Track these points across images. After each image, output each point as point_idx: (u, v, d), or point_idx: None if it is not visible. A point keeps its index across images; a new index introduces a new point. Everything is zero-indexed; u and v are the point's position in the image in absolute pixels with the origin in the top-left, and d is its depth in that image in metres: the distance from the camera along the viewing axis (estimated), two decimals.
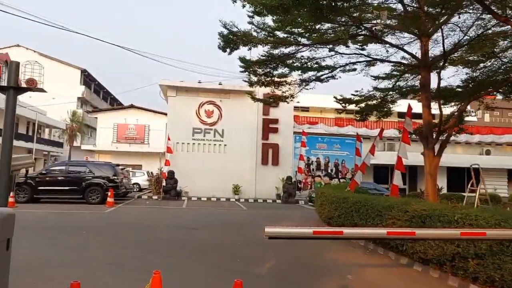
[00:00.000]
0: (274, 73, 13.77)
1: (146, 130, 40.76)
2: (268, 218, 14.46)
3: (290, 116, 23.98)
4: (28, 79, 4.34)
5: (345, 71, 14.84)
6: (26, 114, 37.33)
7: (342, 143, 24.51)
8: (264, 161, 23.23)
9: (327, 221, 11.67)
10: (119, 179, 17.50)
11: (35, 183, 16.42)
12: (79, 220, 11.86)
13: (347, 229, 3.91)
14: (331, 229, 3.75)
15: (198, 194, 22.20)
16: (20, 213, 12.88)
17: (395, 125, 28.27)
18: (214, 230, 11.02)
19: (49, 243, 8.10)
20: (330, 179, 24.29)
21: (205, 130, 23.01)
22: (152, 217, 13.56)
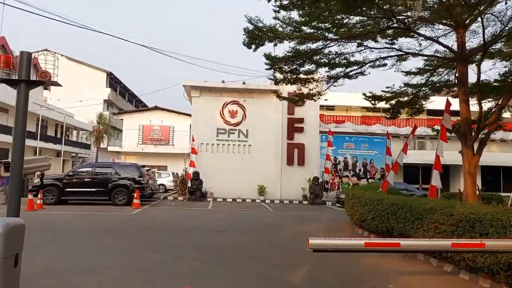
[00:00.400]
0: (300, 70, 13.29)
1: (171, 131, 40.95)
2: (296, 220, 14.00)
3: (316, 115, 23.40)
4: (42, 72, 4.04)
5: (375, 67, 14.20)
6: (55, 117, 38.12)
7: (370, 142, 23.73)
8: (289, 162, 22.75)
9: (359, 224, 11.11)
10: (144, 180, 17.43)
11: (62, 184, 16.54)
12: (105, 222, 11.75)
13: (404, 240, 3.40)
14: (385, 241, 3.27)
15: (223, 195, 21.94)
16: (47, 215, 12.93)
17: (424, 122, 27.23)
18: (242, 232, 10.66)
19: (74, 247, 7.92)
20: (358, 179, 23.56)
21: (229, 131, 22.74)
22: (178, 219, 13.34)
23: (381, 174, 23.61)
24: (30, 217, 12.45)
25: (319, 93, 13.95)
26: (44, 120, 37.85)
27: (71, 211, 14.37)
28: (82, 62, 51.69)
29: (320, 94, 14.03)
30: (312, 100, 14.62)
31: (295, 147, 22.82)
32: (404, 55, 13.16)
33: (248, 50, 11.88)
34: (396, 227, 8.51)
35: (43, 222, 11.42)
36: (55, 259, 6.75)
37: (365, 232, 10.82)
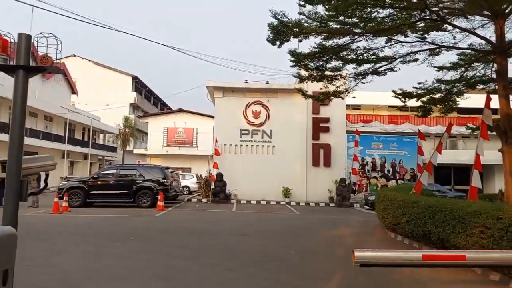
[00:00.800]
0: (326, 67, 12.78)
1: (195, 133, 41.06)
2: (324, 223, 13.46)
3: (342, 114, 22.72)
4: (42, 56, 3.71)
5: (406, 62, 13.52)
6: (82, 120, 38.83)
7: (399, 141, 22.85)
8: (315, 163, 22.16)
9: (392, 228, 10.49)
10: (168, 182, 17.28)
11: (87, 187, 16.58)
12: (129, 225, 11.58)
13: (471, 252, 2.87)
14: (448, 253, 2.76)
15: (247, 197, 21.59)
16: (72, 218, 12.90)
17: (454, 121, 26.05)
18: (268, 236, 10.24)
19: (97, 251, 7.71)
20: (387, 180, 22.72)
21: (253, 131, 22.38)
22: (202, 221, 13.05)
23: (411, 175, 22.69)
24: (55, 220, 12.46)
25: (346, 90, 13.39)
26: (72, 124, 38.60)
27: (96, 213, 14.34)
28: (108, 66, 52.66)
29: (348, 92, 13.47)
30: (340, 98, 14.06)
31: (320, 148, 22.23)
32: (437, 49, 12.44)
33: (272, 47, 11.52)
34: (434, 231, 7.89)
35: (67, 225, 11.36)
36: (75, 266, 6.52)
37: (398, 236, 10.20)
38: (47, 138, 32.33)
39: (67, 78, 41.26)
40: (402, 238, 9.91)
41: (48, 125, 34.68)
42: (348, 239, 10.38)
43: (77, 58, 52.55)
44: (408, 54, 12.69)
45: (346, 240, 10.14)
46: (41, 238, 9.08)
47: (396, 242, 9.91)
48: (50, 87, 37.42)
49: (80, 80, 50.31)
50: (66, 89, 41.79)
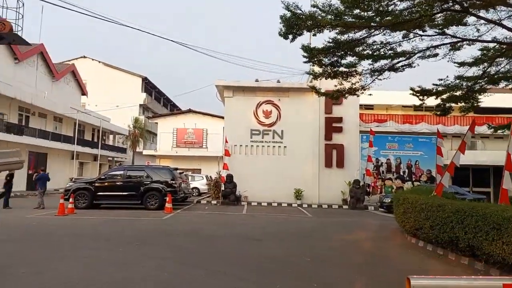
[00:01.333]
0: (341, 63, 12.15)
1: (204, 134, 40.68)
2: (339, 227, 12.82)
3: (356, 114, 22.01)
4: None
5: (425, 57, 12.83)
6: (91, 121, 38.69)
7: (415, 142, 22.06)
8: (327, 164, 21.49)
9: (413, 233, 9.83)
10: (177, 183, 16.80)
11: (94, 188, 16.19)
12: (135, 228, 11.10)
13: None
14: None
15: (258, 199, 21.02)
16: (76, 220, 12.46)
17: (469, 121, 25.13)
18: (281, 241, 9.65)
19: (99, 257, 7.21)
20: (402, 182, 21.93)
21: (264, 132, 21.80)
22: (211, 224, 12.52)
23: (427, 176, 21.89)
24: (59, 222, 12.04)
25: (362, 87, 12.74)
26: (81, 125, 38.52)
27: (102, 215, 13.91)
28: (118, 67, 52.69)
29: (364, 89, 12.82)
30: (355, 95, 13.40)
31: (333, 148, 21.56)
32: (459, 43, 11.74)
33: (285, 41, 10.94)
34: (464, 237, 7.23)
35: (71, 227, 10.92)
36: (74, 274, 6.02)
37: (420, 241, 9.53)
38: (56, 139, 32.18)
39: (77, 79, 41.22)
40: (424, 244, 9.24)
41: (57, 126, 34.58)
42: (365, 244, 9.74)
43: (87, 59, 52.68)
44: (428, 48, 12.01)
45: (363, 246, 9.51)
46: (42, 242, 8.64)
47: (418, 248, 9.25)
48: (60, 88, 37.36)
49: (90, 82, 50.38)
50: (76, 90, 41.71)
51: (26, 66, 32.11)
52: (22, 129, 27.59)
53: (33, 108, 30.08)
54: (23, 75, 30.88)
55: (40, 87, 32.76)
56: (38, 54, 33.61)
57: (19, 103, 28.16)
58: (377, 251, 8.94)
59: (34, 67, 33.43)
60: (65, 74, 38.35)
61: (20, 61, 30.76)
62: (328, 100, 21.66)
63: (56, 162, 33.46)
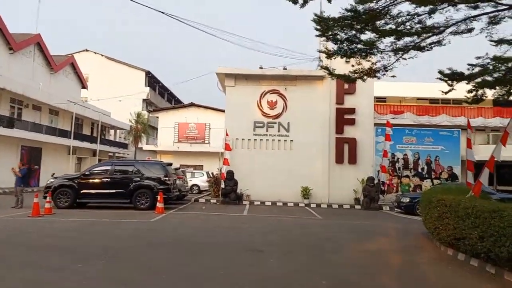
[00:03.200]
0: (360, 38, 10.23)
1: (207, 128, 38.95)
2: (355, 232, 10.93)
3: (370, 105, 20.02)
4: None
5: (458, 33, 10.85)
6: (90, 115, 37.08)
7: (435, 135, 20.02)
8: (338, 159, 19.55)
9: (451, 242, 7.92)
10: (171, 180, 15.00)
11: (77, 185, 14.46)
12: (113, 234, 9.31)
13: None
14: None
15: (261, 197, 19.17)
16: (49, 223, 10.70)
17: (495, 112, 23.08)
18: (287, 253, 7.80)
19: (39, 281, 5.41)
20: (420, 179, 19.94)
21: (268, 124, 19.90)
22: (207, 229, 10.70)
23: (448, 173, 19.87)
24: (27, 225, 10.30)
25: (384, 67, 10.78)
26: (79, 119, 36.95)
27: (82, 217, 12.16)
28: (121, 61, 51.42)
29: (386, 70, 10.85)
30: (375, 78, 11.41)
31: (345, 142, 19.60)
32: (506, 10, 9.72)
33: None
34: None
35: (36, 233, 9.16)
36: None
37: (459, 254, 7.63)
38: (52, 132, 30.57)
39: (77, 72, 39.67)
40: (467, 258, 7.35)
41: (53, 119, 32.98)
42: (392, 257, 7.86)
43: (90, 53, 51.31)
44: (464, 20, 10.03)
45: (391, 260, 7.63)
46: None
47: (458, 263, 7.35)
48: (58, 80, 35.81)
49: (93, 75, 49.01)
50: (76, 83, 40.15)
51: (22, 57, 30.54)
52: (13, 122, 25.97)
53: (26, 100, 28.47)
54: (18, 67, 29.31)
55: (37, 79, 31.20)
56: (34, 45, 32.02)
57: (11, 95, 26.55)
58: (409, 268, 7.06)
59: (31, 58, 31.87)
60: (64, 66, 36.78)
61: (15, 52, 29.17)
62: (339, 90, 19.77)
63: (51, 157, 31.87)
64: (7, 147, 25.95)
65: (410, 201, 16.18)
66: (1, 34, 27.33)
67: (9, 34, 27.90)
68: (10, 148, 26.36)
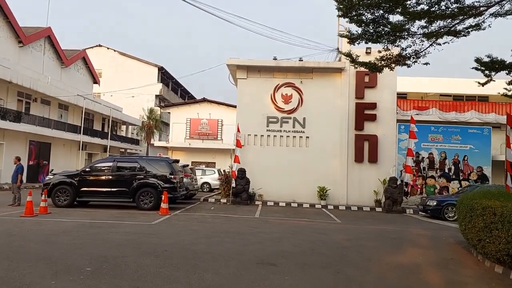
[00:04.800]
0: (388, 19, 8.94)
1: (219, 125, 37.91)
2: (381, 240, 9.65)
3: (393, 99, 18.61)
4: None
5: (501, 15, 9.46)
6: (101, 110, 36.45)
7: (463, 133, 18.47)
8: (358, 158, 18.21)
9: (502, 259, 6.60)
10: (177, 178, 13.94)
11: (77, 183, 13.52)
12: (106, 240, 8.25)
13: None
14: None
15: (275, 198, 18.00)
16: (40, 224, 9.71)
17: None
18: (303, 268, 6.61)
19: None
20: (447, 181, 18.44)
21: (282, 119, 18.67)
22: (213, 234, 9.57)
23: (478, 174, 18.32)
24: (15, 226, 9.33)
25: (416, 53, 9.45)
26: (90, 114, 36.37)
27: (78, 217, 11.19)
28: (134, 57, 51.06)
29: (417, 56, 9.52)
30: (405, 66, 10.07)
31: (365, 140, 18.25)
32: None
33: None
34: None
35: (21, 236, 8.17)
36: None
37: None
38: (60, 127, 29.94)
39: (89, 67, 39.14)
40: None
41: (63, 114, 32.39)
42: (430, 275, 6.58)
43: (103, 48, 51.00)
44: None
45: (429, 278, 6.35)
46: None
47: None
48: (70, 75, 35.30)
49: (105, 71, 48.68)
50: (88, 78, 39.65)
51: (32, 50, 30.01)
52: (20, 116, 25.34)
53: (34, 94, 27.87)
54: (28, 60, 28.76)
55: (48, 73, 30.63)
56: (45, 38, 31.46)
57: (18, 88, 25.95)
58: None
59: (41, 52, 31.34)
60: (75, 61, 36.24)
61: (25, 45, 28.60)
62: (359, 83, 18.42)
63: (61, 152, 31.33)
64: (15, 142, 25.37)
65: (438, 204, 14.79)
66: (10, 26, 26.73)
67: (18, 27, 27.29)
68: (18, 142, 25.78)
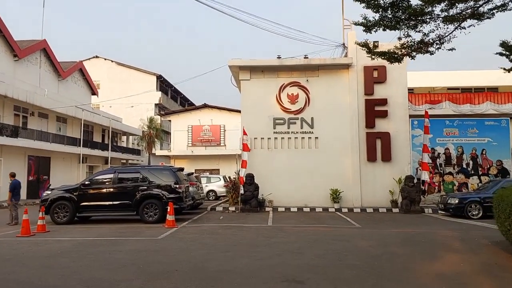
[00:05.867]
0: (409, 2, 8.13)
1: (222, 130, 37.15)
2: (411, 246, 8.75)
3: (404, 94, 17.76)
4: None
5: None
6: (100, 121, 35.69)
7: (480, 126, 17.59)
8: (370, 157, 17.34)
9: None
10: (182, 188, 13.09)
11: (77, 197, 12.67)
12: (108, 259, 7.41)
13: None
14: None
15: (285, 203, 17.11)
16: (35, 245, 8.84)
17: None
18: (335, 282, 5.74)
19: None
20: (466, 177, 17.53)
21: (289, 120, 17.83)
22: (226, 248, 8.70)
23: (498, 169, 17.42)
24: (10, 248, 8.49)
25: (440, 38, 8.61)
26: (90, 126, 35.61)
27: (79, 235, 10.36)
28: (132, 66, 50.66)
29: (441, 41, 8.68)
30: (428, 54, 9.20)
31: (377, 137, 17.39)
32: None
33: None
34: None
35: (14, 260, 7.32)
36: None
37: None
38: (59, 141, 29.15)
39: (86, 78, 38.47)
40: None
41: (61, 127, 31.62)
42: (481, 286, 5.71)
43: (100, 59, 50.56)
44: None
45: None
46: None
47: None
48: (67, 87, 34.64)
49: (103, 82, 48.18)
50: (86, 89, 38.98)
51: (28, 64, 29.32)
52: (17, 131, 24.57)
53: (31, 108, 27.13)
54: (24, 74, 28.06)
55: (45, 86, 29.94)
56: (40, 51, 30.80)
57: (14, 102, 25.21)
58: None
59: (37, 65, 30.65)
60: (72, 73, 35.55)
61: (20, 59, 27.90)
62: (368, 79, 17.61)
63: (61, 166, 30.51)
64: (14, 157, 24.56)
65: (460, 202, 13.90)
66: (4, 41, 26.07)
67: (13, 41, 26.64)
68: (16, 158, 24.97)
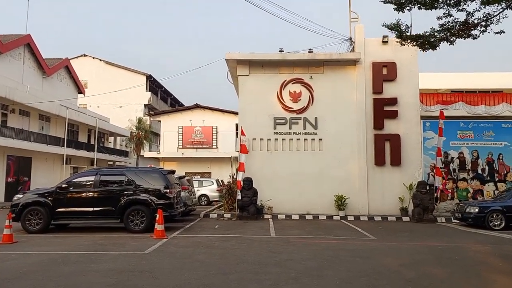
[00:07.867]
0: None
1: (214, 132, 35.59)
2: (442, 264, 7.34)
3: (415, 93, 16.49)
4: None
5: None
6: (86, 121, 33.91)
7: (496, 128, 16.38)
8: (379, 161, 15.98)
9: None
10: (173, 193, 11.54)
11: (52, 202, 11.03)
12: (81, 283, 5.85)
13: None
14: None
15: (286, 210, 15.66)
16: None
17: None
18: None
19: None
20: (481, 183, 16.27)
21: (291, 120, 16.40)
22: (227, 268, 7.18)
23: None
24: None
25: (487, 18, 7.25)
26: (74, 125, 33.81)
27: (52, 247, 8.76)
28: (121, 66, 49.17)
29: (489, 22, 7.32)
30: (471, 38, 7.81)
31: (386, 140, 16.05)
32: None
33: None
34: None
35: None
36: None
37: None
38: (41, 140, 27.32)
39: (72, 76, 36.71)
40: None
41: (44, 126, 29.77)
42: None
43: (88, 58, 48.85)
44: None
45: None
46: None
47: None
48: (52, 85, 32.82)
49: (91, 81, 46.47)
50: (72, 88, 37.21)
51: (11, 59, 27.53)
52: None
53: (12, 105, 25.31)
54: (6, 69, 26.28)
55: (28, 83, 28.12)
56: (24, 46, 29.02)
57: None
58: None
59: (21, 61, 28.87)
60: (57, 70, 33.78)
61: (3, 53, 26.11)
62: (376, 76, 16.31)
63: (43, 167, 28.65)
64: None
65: (480, 211, 12.61)
66: None
67: None
68: None
